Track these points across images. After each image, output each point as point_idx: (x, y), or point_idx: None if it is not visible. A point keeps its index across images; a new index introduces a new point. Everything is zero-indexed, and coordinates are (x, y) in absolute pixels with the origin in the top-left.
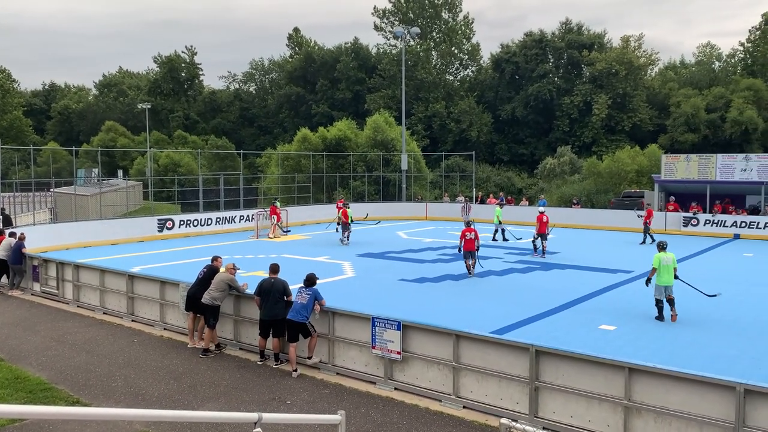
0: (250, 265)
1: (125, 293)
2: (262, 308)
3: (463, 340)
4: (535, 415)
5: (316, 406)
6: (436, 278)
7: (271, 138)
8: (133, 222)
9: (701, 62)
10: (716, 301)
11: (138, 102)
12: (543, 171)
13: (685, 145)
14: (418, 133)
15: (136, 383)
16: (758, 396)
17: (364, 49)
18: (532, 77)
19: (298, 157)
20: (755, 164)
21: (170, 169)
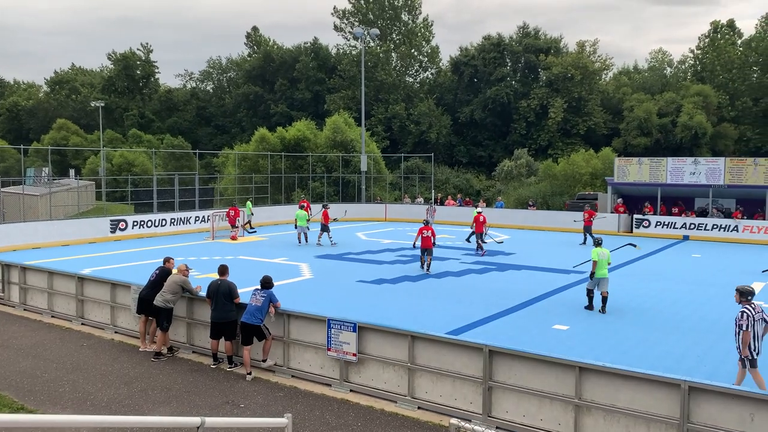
0: (205, 268)
1: (75, 296)
2: (212, 310)
3: (418, 341)
4: (489, 415)
5: (270, 409)
6: (394, 279)
7: (228, 138)
8: (85, 223)
9: (653, 68)
10: (665, 301)
11: (91, 100)
12: (500, 173)
13: (637, 149)
14: (377, 135)
15: (85, 388)
16: (702, 393)
17: (324, 50)
18: (491, 80)
19: (256, 157)
20: (703, 168)
21: (124, 169)
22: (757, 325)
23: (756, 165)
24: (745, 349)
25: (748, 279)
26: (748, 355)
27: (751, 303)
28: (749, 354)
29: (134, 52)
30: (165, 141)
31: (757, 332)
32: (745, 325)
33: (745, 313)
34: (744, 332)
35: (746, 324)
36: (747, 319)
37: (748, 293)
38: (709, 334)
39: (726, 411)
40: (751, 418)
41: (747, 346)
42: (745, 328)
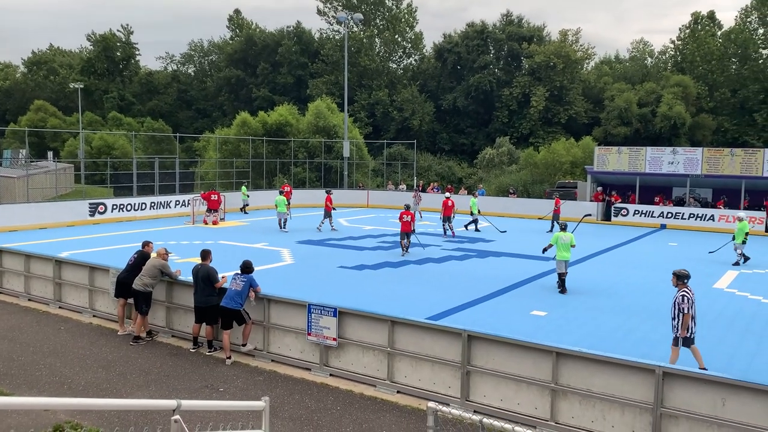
0: (185, 252)
1: (52, 279)
2: (194, 295)
3: (398, 326)
4: (467, 399)
5: (249, 393)
6: (375, 265)
7: (209, 121)
8: (63, 205)
9: (634, 58)
10: (642, 288)
11: (70, 81)
12: (482, 161)
13: (617, 138)
14: (360, 121)
15: (62, 372)
16: (675, 378)
17: (307, 34)
18: (474, 68)
19: (238, 141)
20: (682, 157)
21: (103, 152)
22: (694, 306)
23: (732, 155)
24: (684, 330)
25: (721, 268)
26: (686, 335)
27: (687, 286)
28: (687, 334)
29: (114, 34)
30: (145, 124)
31: (694, 314)
32: (686, 308)
33: (686, 297)
34: (685, 315)
35: (687, 307)
36: (688, 302)
37: (684, 276)
38: None
39: (698, 396)
40: (723, 402)
41: (687, 327)
42: (686, 311)
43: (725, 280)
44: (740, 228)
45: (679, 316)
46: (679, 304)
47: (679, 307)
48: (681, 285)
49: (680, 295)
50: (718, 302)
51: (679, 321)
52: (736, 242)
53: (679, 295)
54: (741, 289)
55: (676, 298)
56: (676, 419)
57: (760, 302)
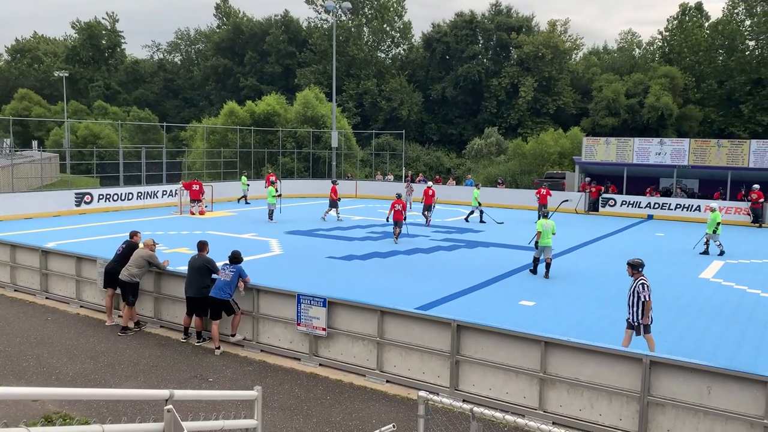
0: (172, 242)
1: (38, 269)
2: (185, 285)
3: (387, 316)
4: (456, 388)
5: (239, 383)
6: (364, 256)
7: (196, 111)
8: (49, 195)
9: (623, 49)
10: (627, 278)
11: (54, 70)
12: (471, 151)
13: (605, 129)
14: (348, 110)
15: (50, 363)
16: (662, 367)
17: (295, 23)
18: (462, 58)
19: (225, 131)
20: (669, 148)
21: (89, 141)
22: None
23: (719, 146)
24: (647, 318)
25: (707, 258)
26: (648, 322)
27: (642, 274)
28: (649, 322)
29: (99, 22)
30: (131, 113)
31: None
32: (648, 296)
33: (646, 285)
34: (647, 302)
35: (648, 295)
36: (648, 290)
37: (638, 265)
38: (670, 310)
39: (685, 384)
40: (709, 390)
41: (648, 314)
42: (648, 298)
43: (711, 270)
44: (712, 218)
45: (637, 304)
46: (640, 293)
47: (639, 296)
48: (637, 274)
49: (639, 283)
50: (703, 292)
51: (637, 308)
52: (708, 233)
53: (638, 284)
54: (727, 279)
55: (635, 287)
56: (663, 407)
57: (745, 292)
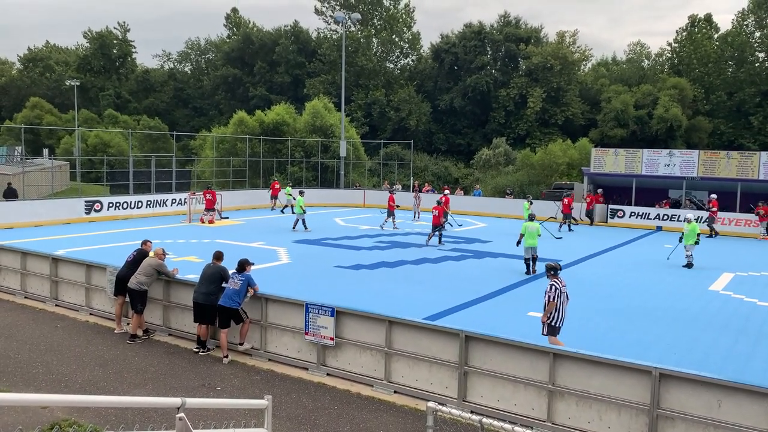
0: (181, 250)
1: (48, 277)
2: (196, 292)
3: (395, 326)
4: (464, 399)
5: (247, 392)
6: (371, 265)
7: (206, 120)
8: (59, 203)
9: (631, 60)
10: (635, 290)
11: (66, 78)
12: (479, 161)
13: (614, 140)
14: (357, 120)
15: (59, 370)
16: (672, 379)
17: (304, 33)
18: (471, 68)
19: (234, 140)
20: (678, 160)
21: (99, 150)
22: (562, 297)
23: (729, 158)
24: (545, 316)
25: (716, 271)
26: (546, 320)
27: (557, 277)
28: (549, 321)
29: (111, 31)
30: (141, 122)
31: (561, 304)
32: (552, 297)
33: (554, 286)
34: (551, 302)
35: (553, 296)
36: (554, 291)
37: (553, 269)
38: (679, 322)
39: (694, 397)
40: (719, 404)
41: (548, 314)
42: (552, 299)
43: (721, 283)
44: (690, 229)
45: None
46: (547, 292)
47: (546, 294)
48: (551, 276)
49: (549, 284)
50: (713, 304)
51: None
52: (687, 243)
53: (549, 284)
54: (737, 291)
55: (546, 288)
56: (673, 420)
57: (756, 305)
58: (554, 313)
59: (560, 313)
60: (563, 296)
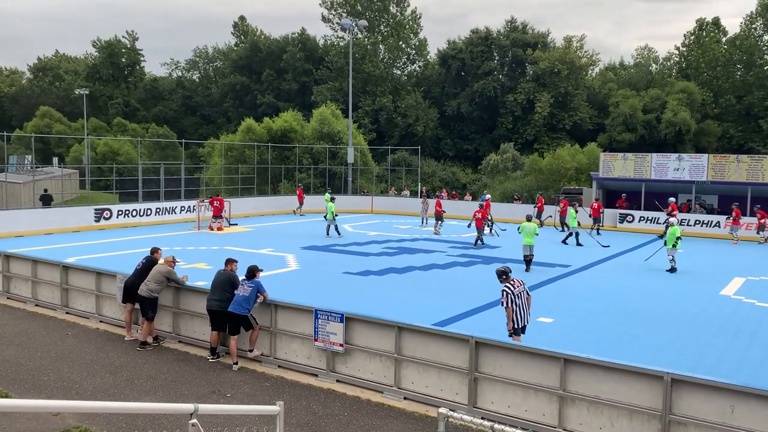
0: (190, 257)
1: (59, 284)
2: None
3: (405, 332)
4: (474, 405)
5: (257, 398)
6: (380, 271)
7: (214, 128)
8: (69, 211)
9: (639, 64)
10: (646, 295)
11: (75, 87)
12: (487, 167)
13: (622, 144)
14: (364, 127)
15: (70, 377)
16: (684, 385)
17: (312, 40)
18: (478, 74)
19: (243, 147)
20: (687, 164)
21: (108, 158)
22: (519, 299)
23: (738, 162)
24: (510, 323)
25: (727, 275)
26: (511, 328)
27: (509, 280)
28: (513, 325)
29: (119, 40)
30: (150, 130)
31: (521, 305)
32: (506, 302)
33: (505, 292)
34: (507, 308)
35: (506, 301)
36: (507, 296)
37: (503, 273)
38: (690, 327)
39: (707, 403)
40: (732, 409)
41: (510, 319)
42: (507, 304)
43: (732, 287)
44: (671, 233)
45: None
46: (501, 299)
47: (500, 302)
48: (503, 280)
49: (501, 290)
50: (724, 309)
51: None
52: (668, 248)
53: (501, 290)
54: (748, 296)
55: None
56: (685, 426)
57: (767, 309)
58: (516, 317)
59: (521, 315)
60: (522, 297)
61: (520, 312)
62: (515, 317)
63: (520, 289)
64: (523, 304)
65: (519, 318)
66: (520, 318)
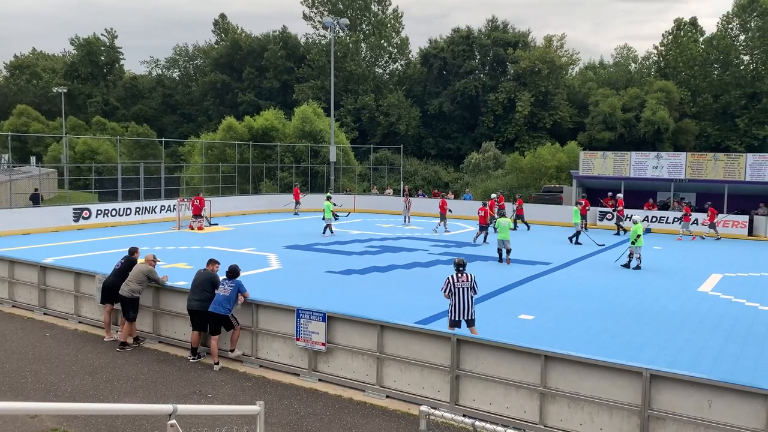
0: (171, 257)
1: (37, 285)
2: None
3: (387, 331)
4: (456, 403)
5: (238, 398)
6: (362, 270)
7: (194, 126)
8: (47, 211)
9: (618, 64)
10: (626, 292)
11: (53, 85)
12: (468, 165)
13: (602, 143)
14: (347, 125)
15: (48, 379)
16: (663, 380)
17: (293, 39)
18: (459, 73)
19: (223, 146)
20: (666, 162)
21: (87, 157)
22: (461, 292)
23: (716, 160)
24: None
25: (705, 271)
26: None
27: (459, 272)
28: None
29: (98, 38)
30: (130, 129)
31: (462, 298)
32: (444, 289)
33: (446, 279)
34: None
35: (445, 289)
36: (446, 285)
37: (458, 265)
38: (670, 324)
39: (685, 398)
40: (709, 404)
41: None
42: (445, 292)
43: (710, 284)
44: (633, 230)
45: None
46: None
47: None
48: (457, 271)
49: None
50: (703, 306)
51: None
52: (631, 246)
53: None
54: (725, 292)
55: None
56: (664, 421)
57: (744, 305)
58: (454, 308)
59: (458, 307)
60: (462, 292)
61: (459, 305)
62: (452, 308)
63: (465, 284)
64: (463, 299)
65: (455, 310)
66: (457, 311)
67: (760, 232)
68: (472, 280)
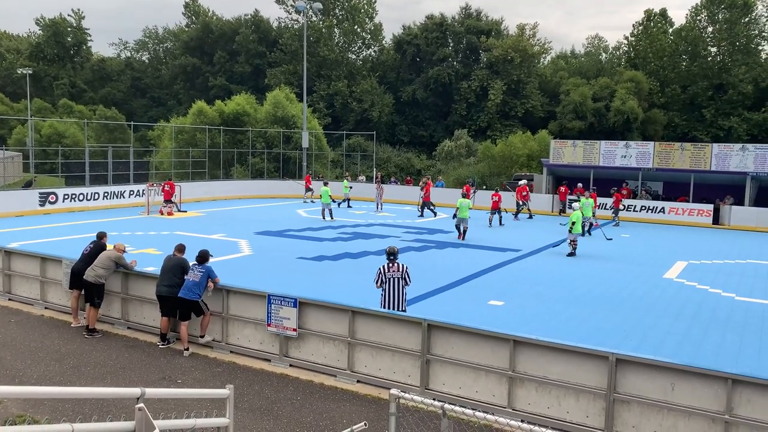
0: (140, 243)
1: (1, 270)
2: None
3: (358, 316)
4: (426, 387)
5: (208, 384)
6: (335, 256)
7: (164, 110)
8: (12, 195)
9: (589, 53)
10: (594, 279)
11: (18, 67)
12: (441, 153)
13: (572, 132)
14: (319, 111)
15: (13, 365)
16: (627, 364)
17: (265, 22)
18: (433, 60)
19: (194, 131)
20: (634, 151)
21: (54, 140)
22: (392, 282)
23: (682, 150)
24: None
25: (671, 258)
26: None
27: (390, 261)
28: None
29: (65, 18)
30: (98, 112)
31: (394, 288)
32: (376, 280)
33: (378, 270)
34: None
35: (377, 279)
36: (378, 275)
37: (388, 254)
38: (636, 310)
39: (649, 381)
40: (672, 387)
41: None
42: (377, 283)
43: (674, 271)
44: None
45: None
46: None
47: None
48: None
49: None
50: (668, 292)
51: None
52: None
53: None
54: (689, 279)
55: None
56: (628, 404)
57: (707, 292)
58: (382, 298)
59: (388, 297)
60: (394, 282)
61: (389, 296)
62: (382, 299)
63: (396, 274)
64: (394, 289)
65: (386, 301)
66: (387, 302)
67: (724, 221)
68: (403, 270)
